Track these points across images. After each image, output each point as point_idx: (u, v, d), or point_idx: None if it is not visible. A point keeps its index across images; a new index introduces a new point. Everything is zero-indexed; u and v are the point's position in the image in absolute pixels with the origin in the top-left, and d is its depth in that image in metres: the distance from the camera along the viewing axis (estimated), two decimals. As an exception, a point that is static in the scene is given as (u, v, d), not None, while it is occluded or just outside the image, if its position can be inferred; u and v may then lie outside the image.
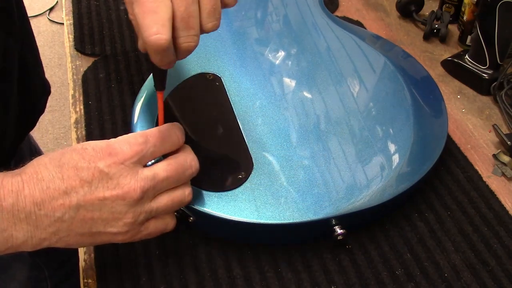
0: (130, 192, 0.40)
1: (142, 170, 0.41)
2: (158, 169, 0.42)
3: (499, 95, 0.66)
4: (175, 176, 0.43)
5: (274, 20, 0.72)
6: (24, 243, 0.39)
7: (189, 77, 0.61)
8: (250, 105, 0.59)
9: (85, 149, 0.40)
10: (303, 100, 0.60)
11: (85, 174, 0.39)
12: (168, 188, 0.44)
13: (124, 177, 0.40)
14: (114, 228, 0.41)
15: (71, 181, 0.39)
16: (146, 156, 0.42)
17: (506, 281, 0.49)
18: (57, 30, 2.35)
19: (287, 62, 0.65)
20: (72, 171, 0.39)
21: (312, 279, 0.49)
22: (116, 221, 0.41)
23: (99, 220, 0.40)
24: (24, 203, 0.38)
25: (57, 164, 0.39)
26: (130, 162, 0.40)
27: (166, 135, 0.43)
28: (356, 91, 0.61)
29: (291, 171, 0.52)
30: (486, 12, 0.65)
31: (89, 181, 0.39)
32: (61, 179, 0.39)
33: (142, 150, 0.41)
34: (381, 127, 0.57)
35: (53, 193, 0.38)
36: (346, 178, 0.52)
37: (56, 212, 0.39)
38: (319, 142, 0.55)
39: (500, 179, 0.59)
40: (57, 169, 0.39)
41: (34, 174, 0.39)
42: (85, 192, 0.39)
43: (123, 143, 0.41)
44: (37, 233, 0.39)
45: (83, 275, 0.50)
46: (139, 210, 0.42)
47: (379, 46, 0.69)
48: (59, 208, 0.39)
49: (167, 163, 0.43)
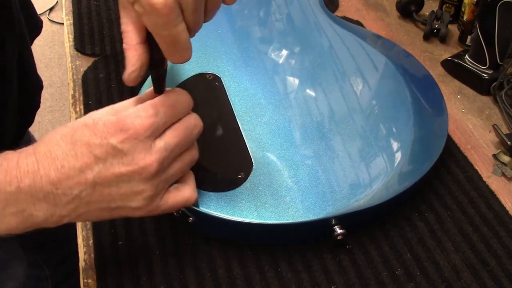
0: (147, 167, 0.40)
1: (154, 142, 0.40)
2: (168, 137, 0.41)
3: (499, 95, 0.66)
4: (184, 140, 0.43)
5: (274, 19, 0.72)
6: (45, 221, 0.39)
7: (189, 77, 0.61)
8: (250, 105, 0.59)
9: (96, 124, 0.39)
10: (303, 100, 0.60)
11: (98, 151, 0.38)
12: (180, 153, 0.43)
13: (139, 152, 0.39)
14: (134, 202, 0.41)
15: (85, 159, 0.38)
16: (159, 127, 0.41)
17: (506, 281, 0.49)
18: (57, 30, 2.35)
19: (287, 62, 0.65)
20: (85, 148, 0.38)
21: (312, 279, 0.49)
22: (135, 196, 0.41)
23: (117, 196, 0.40)
24: (41, 183, 0.37)
25: (69, 141, 0.39)
26: (144, 137, 0.39)
27: (175, 102, 0.42)
28: (356, 91, 0.61)
29: (291, 171, 0.52)
30: (486, 12, 0.65)
31: (103, 158, 0.39)
32: (74, 156, 0.38)
33: (154, 123, 0.40)
34: (381, 126, 0.57)
35: (68, 172, 0.38)
36: (346, 177, 0.52)
37: (73, 190, 0.38)
38: (319, 142, 0.55)
39: (500, 179, 0.59)
40: (70, 146, 0.38)
41: (48, 152, 0.38)
42: (100, 169, 0.39)
43: (134, 117, 0.39)
44: (56, 211, 0.39)
45: (83, 275, 0.50)
46: (156, 182, 0.41)
47: (380, 45, 0.69)
48: (75, 186, 0.38)
49: (174, 128, 0.42)
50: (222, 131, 0.56)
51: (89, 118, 0.40)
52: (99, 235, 0.53)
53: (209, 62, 0.64)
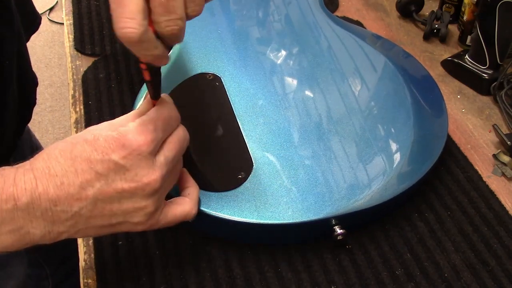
0: (151, 183, 0.39)
1: (155, 158, 0.40)
2: (166, 151, 0.41)
3: (499, 95, 0.66)
4: (179, 152, 0.43)
5: (274, 19, 0.72)
6: (42, 238, 0.38)
7: (189, 77, 0.61)
8: (250, 105, 0.59)
9: (96, 139, 0.38)
10: (303, 100, 0.60)
11: (99, 167, 0.38)
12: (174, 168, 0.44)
13: (142, 168, 0.39)
14: (135, 218, 0.41)
15: (86, 175, 0.37)
16: (159, 142, 0.41)
17: (506, 281, 0.49)
18: (57, 30, 2.35)
19: (287, 62, 0.65)
20: (86, 164, 0.38)
21: (312, 279, 0.49)
22: (137, 211, 0.40)
23: (119, 212, 0.40)
24: (39, 200, 0.37)
25: (68, 157, 0.38)
26: (146, 153, 0.39)
27: (168, 116, 0.42)
28: (356, 91, 0.61)
29: (291, 171, 0.52)
30: (486, 12, 0.65)
31: (105, 174, 0.38)
32: (74, 173, 0.37)
33: (155, 138, 0.40)
34: (381, 126, 0.57)
35: (68, 189, 0.37)
36: (346, 178, 0.52)
37: (73, 207, 0.38)
38: (319, 142, 0.55)
39: (500, 179, 0.59)
40: (69, 162, 0.37)
41: (46, 169, 0.37)
42: (101, 185, 0.38)
43: (135, 133, 0.39)
44: (54, 228, 0.38)
45: (83, 275, 0.50)
46: (158, 197, 0.41)
47: (380, 45, 0.69)
48: (75, 202, 0.38)
49: (169, 141, 0.42)
50: (222, 131, 0.56)
51: (88, 133, 0.40)
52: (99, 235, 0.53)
53: (209, 62, 0.64)
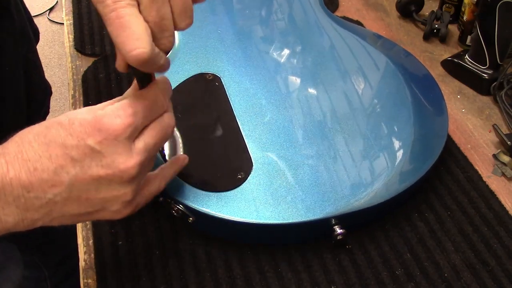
0: (128, 170, 0.38)
1: (134, 143, 0.39)
2: (147, 137, 0.40)
3: (499, 95, 0.66)
4: (161, 140, 0.41)
5: (274, 20, 0.72)
6: (16, 225, 0.37)
7: (189, 77, 0.61)
8: (250, 105, 0.59)
9: (71, 123, 0.37)
10: (302, 100, 0.60)
11: (74, 152, 0.36)
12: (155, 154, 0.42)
13: (119, 154, 0.37)
14: (114, 206, 0.39)
15: (60, 160, 0.36)
16: (138, 127, 0.39)
17: (506, 281, 0.49)
18: (57, 30, 2.35)
19: (287, 62, 0.65)
20: (60, 150, 0.36)
21: (312, 279, 0.49)
22: (115, 200, 0.39)
23: (96, 200, 0.38)
24: (10, 186, 0.35)
25: (42, 142, 0.36)
26: (123, 138, 0.37)
27: (153, 101, 0.40)
28: (356, 90, 0.61)
29: (291, 171, 0.52)
30: (486, 12, 0.65)
31: (80, 160, 0.36)
32: (48, 158, 0.36)
33: (133, 122, 0.38)
34: (381, 126, 0.57)
35: (41, 174, 0.35)
36: (346, 177, 0.52)
37: (47, 193, 0.36)
38: (319, 141, 0.55)
39: (500, 179, 0.59)
40: (43, 147, 0.36)
41: (19, 154, 0.35)
42: (76, 171, 0.36)
43: (112, 117, 0.37)
44: (28, 215, 0.37)
45: (83, 275, 0.50)
46: (136, 184, 0.40)
47: (380, 45, 0.69)
48: (49, 189, 0.36)
49: (152, 127, 0.40)
50: (222, 131, 0.56)
51: (64, 117, 0.37)
52: (99, 235, 0.53)
53: (209, 62, 0.64)
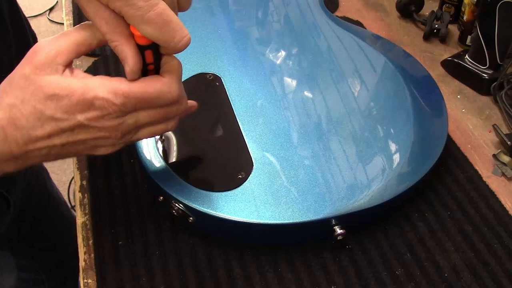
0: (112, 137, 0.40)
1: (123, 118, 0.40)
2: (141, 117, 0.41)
3: (499, 95, 0.66)
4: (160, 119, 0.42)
5: (274, 20, 0.72)
6: (15, 169, 0.41)
7: (189, 77, 0.61)
8: (250, 105, 0.59)
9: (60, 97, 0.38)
10: (303, 100, 0.60)
11: (65, 124, 0.38)
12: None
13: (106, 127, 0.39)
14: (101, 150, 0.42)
15: (52, 130, 0.38)
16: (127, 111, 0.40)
17: (506, 281, 0.49)
18: (57, 30, 2.35)
19: (287, 62, 0.65)
20: (51, 122, 0.38)
21: (312, 279, 0.49)
22: (104, 140, 0.41)
23: (84, 148, 0.41)
24: (10, 148, 0.38)
25: (31, 111, 0.38)
26: (110, 117, 0.39)
27: (154, 97, 0.40)
28: (356, 91, 0.61)
29: (291, 171, 0.52)
30: (486, 12, 0.65)
31: (70, 129, 0.39)
32: (41, 127, 0.38)
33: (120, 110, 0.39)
34: (381, 127, 0.57)
35: (36, 139, 0.38)
36: (346, 178, 0.52)
37: (41, 151, 0.39)
38: (319, 142, 0.55)
39: (500, 179, 0.59)
40: (34, 117, 0.38)
41: (12, 120, 0.38)
42: (67, 136, 0.39)
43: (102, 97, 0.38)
44: (27, 163, 0.40)
45: (83, 275, 0.50)
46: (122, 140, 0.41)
47: (380, 46, 0.69)
48: (44, 148, 0.39)
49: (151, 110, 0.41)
50: (222, 131, 0.56)
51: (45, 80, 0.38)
52: (99, 235, 0.53)
53: (210, 62, 0.64)
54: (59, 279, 0.92)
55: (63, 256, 0.92)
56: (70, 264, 0.95)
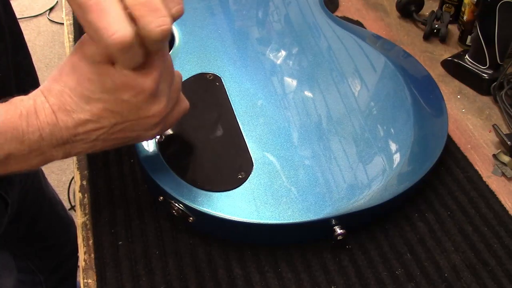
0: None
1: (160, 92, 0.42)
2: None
3: (499, 95, 0.66)
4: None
5: (274, 20, 0.72)
6: (62, 157, 0.42)
7: (189, 77, 0.61)
8: (250, 105, 0.59)
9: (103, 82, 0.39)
10: (303, 100, 0.60)
11: (113, 106, 0.40)
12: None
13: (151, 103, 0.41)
14: (149, 131, 0.43)
15: (100, 112, 0.40)
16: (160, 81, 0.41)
17: (506, 281, 0.49)
18: (57, 30, 2.35)
19: (287, 62, 0.65)
20: (99, 104, 0.40)
21: (312, 279, 0.49)
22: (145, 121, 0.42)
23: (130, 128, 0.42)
24: (61, 132, 0.40)
25: (79, 95, 0.40)
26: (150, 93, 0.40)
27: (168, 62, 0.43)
28: (356, 91, 0.61)
29: (291, 171, 0.52)
30: (486, 12, 0.65)
31: (118, 111, 0.40)
32: (89, 111, 0.40)
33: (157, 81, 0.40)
34: (381, 127, 0.57)
35: (86, 123, 0.40)
36: (346, 178, 0.52)
37: (91, 136, 0.41)
38: (319, 142, 0.55)
39: (500, 179, 0.59)
40: (82, 101, 0.40)
41: (62, 105, 0.39)
42: (117, 119, 0.40)
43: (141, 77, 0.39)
44: (73, 150, 0.42)
45: (83, 275, 0.50)
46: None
47: (380, 46, 0.69)
48: (93, 133, 0.41)
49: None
50: (222, 131, 0.56)
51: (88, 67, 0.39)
52: (99, 235, 0.53)
53: (210, 62, 0.64)
54: (57, 280, 0.93)
55: (60, 257, 0.92)
56: (67, 265, 0.95)
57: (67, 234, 0.92)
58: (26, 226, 0.79)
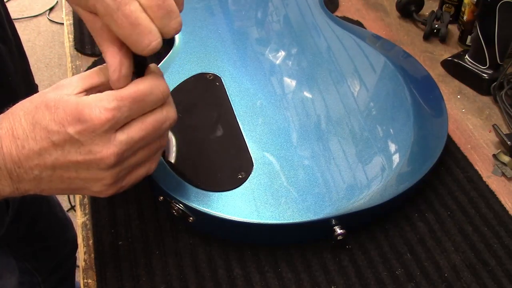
0: (104, 159, 0.39)
1: (114, 135, 0.39)
2: (133, 131, 0.40)
3: (499, 95, 0.66)
4: (152, 134, 0.41)
5: (274, 20, 0.72)
6: (11, 193, 0.40)
7: (189, 77, 0.61)
8: (250, 105, 0.59)
9: (56, 108, 0.38)
10: (303, 100, 0.60)
11: (56, 137, 0.38)
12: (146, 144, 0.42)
13: (96, 144, 0.38)
14: (94, 187, 0.41)
15: (44, 143, 0.38)
16: (119, 121, 0.39)
17: (506, 281, 0.49)
18: (57, 30, 2.35)
19: (287, 62, 0.65)
20: (44, 133, 0.38)
21: (312, 279, 0.49)
22: (95, 182, 0.41)
23: (77, 180, 0.40)
24: (4, 160, 0.38)
25: (30, 121, 0.38)
26: (101, 131, 0.38)
27: (146, 95, 0.40)
28: (356, 91, 0.61)
29: (291, 171, 0.52)
30: (486, 12, 0.65)
31: (61, 145, 0.38)
32: (34, 139, 0.38)
33: (114, 117, 0.38)
34: (381, 127, 0.57)
35: (28, 153, 0.38)
36: (346, 178, 0.52)
37: (33, 170, 0.39)
38: (319, 142, 0.55)
39: (500, 179, 0.59)
40: (30, 127, 0.38)
41: (10, 130, 0.38)
42: (58, 155, 0.39)
43: (94, 108, 0.38)
44: (21, 186, 0.40)
45: (83, 275, 0.50)
46: (117, 171, 0.41)
47: (379, 46, 0.69)
48: (35, 167, 0.39)
49: (142, 121, 0.40)
50: (222, 131, 0.56)
51: (52, 99, 0.39)
52: (99, 235, 0.53)
53: (210, 62, 0.64)
54: (55, 281, 0.93)
55: (59, 258, 0.92)
56: (66, 265, 0.95)
57: (65, 235, 0.93)
58: (26, 226, 0.80)
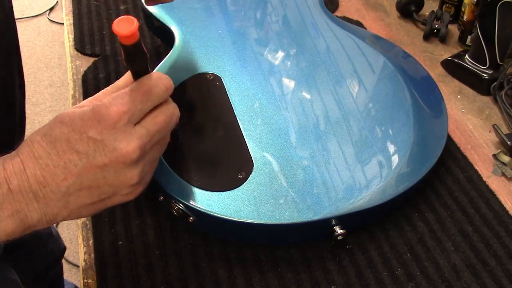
0: (130, 154, 0.40)
1: (134, 128, 0.40)
2: (149, 124, 0.42)
3: (499, 95, 0.66)
4: (165, 127, 0.43)
5: (274, 20, 0.72)
6: (40, 221, 0.39)
7: (189, 77, 0.61)
8: (250, 105, 0.59)
9: (73, 120, 0.39)
10: (303, 100, 0.60)
11: (79, 146, 0.39)
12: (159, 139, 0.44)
13: (119, 141, 0.39)
14: (123, 190, 0.41)
15: (68, 155, 0.38)
16: (136, 114, 0.41)
17: (506, 281, 0.49)
18: (57, 30, 2.35)
19: (287, 62, 0.65)
20: (66, 145, 0.39)
21: (312, 279, 0.49)
22: (123, 184, 0.41)
23: (106, 186, 0.40)
24: (28, 183, 0.38)
25: (49, 140, 0.39)
26: (121, 125, 0.39)
27: (151, 88, 0.42)
28: (356, 91, 0.61)
29: (291, 171, 0.52)
30: (486, 12, 0.65)
31: (85, 152, 0.39)
32: (57, 154, 0.38)
33: (129, 109, 0.40)
34: (381, 127, 0.57)
35: (53, 170, 0.38)
36: (346, 178, 0.52)
37: (60, 187, 0.39)
38: (319, 142, 0.55)
39: (500, 179, 0.59)
40: (51, 145, 0.39)
41: (31, 153, 0.38)
42: (83, 163, 0.39)
43: (109, 106, 0.39)
44: (48, 210, 0.39)
45: (83, 275, 0.50)
46: (141, 166, 0.41)
47: (379, 46, 0.69)
48: (62, 182, 0.39)
49: (155, 115, 0.42)
50: (222, 131, 0.56)
51: (65, 116, 0.40)
52: (99, 235, 0.53)
53: (210, 62, 0.64)
54: (46, 286, 0.92)
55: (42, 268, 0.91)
56: (53, 271, 0.94)
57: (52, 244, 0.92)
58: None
